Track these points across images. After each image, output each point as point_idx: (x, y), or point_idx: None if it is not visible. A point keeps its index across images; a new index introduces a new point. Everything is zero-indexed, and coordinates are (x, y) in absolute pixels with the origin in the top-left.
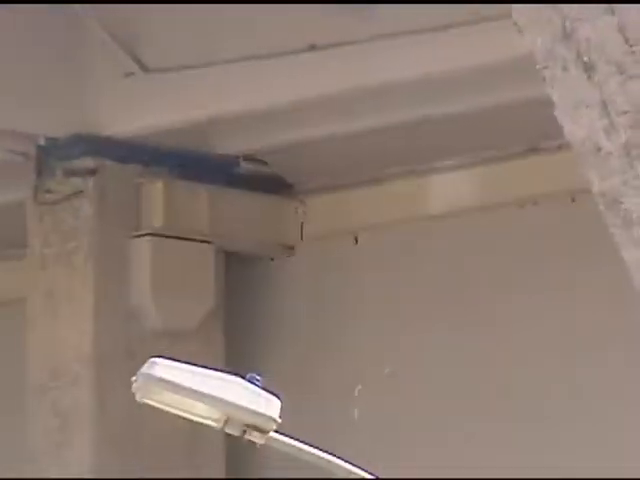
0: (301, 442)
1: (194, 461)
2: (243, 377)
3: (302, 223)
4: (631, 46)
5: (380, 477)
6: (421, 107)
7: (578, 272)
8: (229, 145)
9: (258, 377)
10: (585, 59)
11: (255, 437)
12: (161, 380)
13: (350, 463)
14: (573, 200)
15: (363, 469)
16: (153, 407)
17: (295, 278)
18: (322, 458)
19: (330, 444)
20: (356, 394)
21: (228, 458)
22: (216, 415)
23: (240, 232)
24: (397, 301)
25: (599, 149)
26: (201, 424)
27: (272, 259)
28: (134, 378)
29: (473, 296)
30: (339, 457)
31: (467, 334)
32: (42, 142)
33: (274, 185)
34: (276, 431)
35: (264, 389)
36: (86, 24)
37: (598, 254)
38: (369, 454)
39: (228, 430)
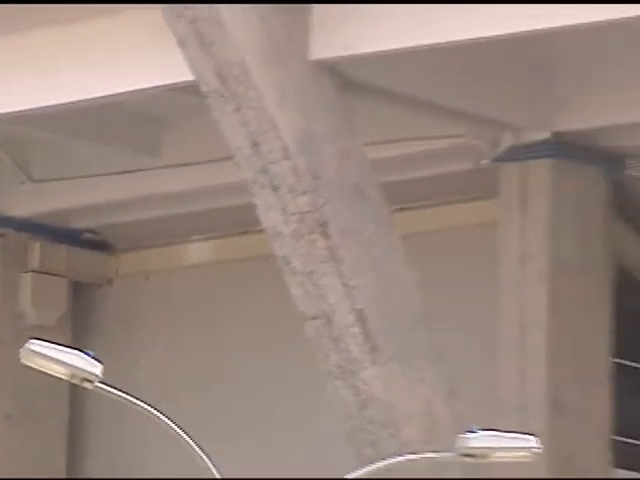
0: (113, 388)
1: (52, 397)
2: (82, 351)
3: (117, 267)
4: (298, 177)
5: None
6: (185, 207)
7: (264, 303)
8: (78, 223)
9: (90, 352)
10: (274, 184)
11: (88, 385)
12: (35, 352)
13: (140, 400)
14: (266, 259)
15: (147, 403)
16: (31, 367)
17: (112, 298)
18: (123, 396)
19: (128, 388)
20: (142, 362)
21: (70, 396)
22: (66, 372)
23: (81, 271)
24: (168, 314)
25: (280, 232)
26: (57, 377)
27: (100, 286)
28: (21, 350)
29: (210, 312)
30: (133, 395)
31: (208, 334)
32: None
33: (102, 245)
34: (100, 382)
35: (93, 358)
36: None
37: (279, 289)
38: (149, 394)
39: (73, 381)
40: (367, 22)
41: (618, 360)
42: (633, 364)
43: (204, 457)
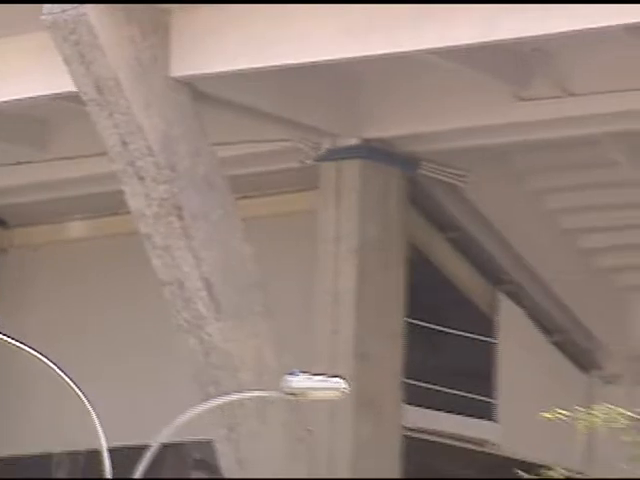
0: (8, 337)
1: None
2: None
3: (11, 240)
4: (159, 170)
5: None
6: (67, 192)
7: (130, 271)
8: None
9: None
10: (139, 175)
11: None
12: None
13: (29, 347)
14: (132, 236)
15: (34, 349)
16: None
17: (7, 264)
18: (15, 344)
19: (20, 337)
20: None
21: None
22: None
23: None
24: (52, 278)
25: (143, 214)
26: None
27: None
28: None
29: (85, 277)
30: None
31: (85, 295)
32: None
33: None
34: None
35: None
36: None
37: (142, 260)
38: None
39: None
40: (216, 46)
41: (409, 319)
42: (420, 322)
43: (79, 393)
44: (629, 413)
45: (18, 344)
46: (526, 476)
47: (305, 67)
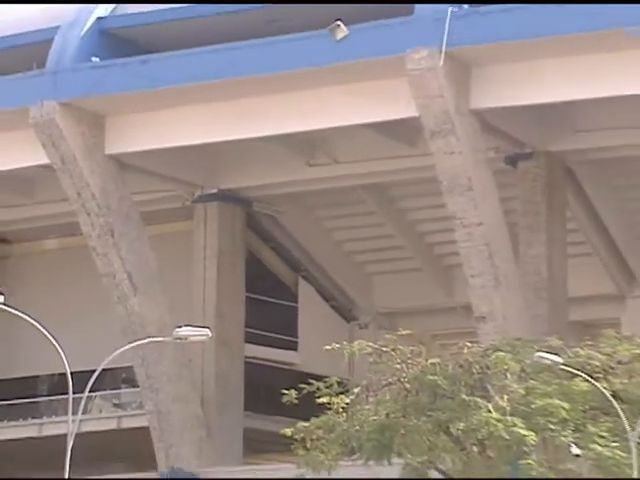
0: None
1: None
2: None
3: (11, 250)
4: (100, 209)
5: None
6: (49, 222)
7: (86, 268)
8: None
9: None
10: (87, 212)
11: None
12: None
13: (26, 314)
14: (85, 248)
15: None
16: None
17: (8, 267)
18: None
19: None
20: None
21: None
22: None
23: None
24: (38, 275)
25: (90, 235)
26: None
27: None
28: None
29: (61, 273)
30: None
31: (63, 282)
32: None
33: None
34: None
35: None
36: None
37: (91, 262)
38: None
39: None
40: (131, 137)
41: (248, 294)
42: (254, 295)
43: (54, 342)
44: (373, 345)
45: (20, 314)
46: (315, 383)
47: (181, 147)
